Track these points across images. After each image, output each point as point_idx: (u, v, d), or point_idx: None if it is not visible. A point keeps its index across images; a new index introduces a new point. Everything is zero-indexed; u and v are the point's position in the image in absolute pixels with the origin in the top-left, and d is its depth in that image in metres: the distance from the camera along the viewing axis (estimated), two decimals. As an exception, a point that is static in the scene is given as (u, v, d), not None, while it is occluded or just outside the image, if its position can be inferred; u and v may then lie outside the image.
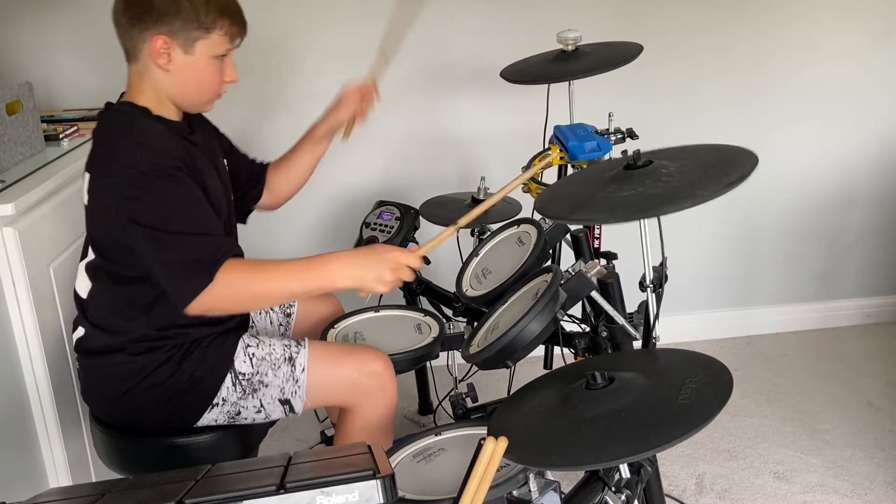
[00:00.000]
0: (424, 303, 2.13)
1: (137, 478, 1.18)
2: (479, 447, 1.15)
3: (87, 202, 1.54)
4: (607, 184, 1.41)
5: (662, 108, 2.64)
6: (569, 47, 2.08)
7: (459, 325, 1.83)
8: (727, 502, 2.11)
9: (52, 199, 1.82)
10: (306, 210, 2.64)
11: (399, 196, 2.37)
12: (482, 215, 1.67)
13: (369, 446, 1.12)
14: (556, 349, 1.85)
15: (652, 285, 1.59)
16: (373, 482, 0.99)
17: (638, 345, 1.66)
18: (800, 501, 2.10)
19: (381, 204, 2.19)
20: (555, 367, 1.63)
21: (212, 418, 1.57)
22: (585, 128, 1.98)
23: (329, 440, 1.93)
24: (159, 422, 1.57)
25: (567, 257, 1.87)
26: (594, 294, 1.57)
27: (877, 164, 2.78)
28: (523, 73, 2.10)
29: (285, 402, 1.59)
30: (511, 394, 1.48)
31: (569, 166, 2.01)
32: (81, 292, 1.61)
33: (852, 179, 2.80)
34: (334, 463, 1.10)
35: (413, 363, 1.74)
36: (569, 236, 1.83)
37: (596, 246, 2.11)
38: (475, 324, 1.73)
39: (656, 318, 1.59)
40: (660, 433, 1.11)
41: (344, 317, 1.88)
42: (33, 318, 1.71)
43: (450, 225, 1.56)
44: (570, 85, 2.11)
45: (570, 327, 1.82)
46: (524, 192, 2.08)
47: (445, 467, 1.40)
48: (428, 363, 2.02)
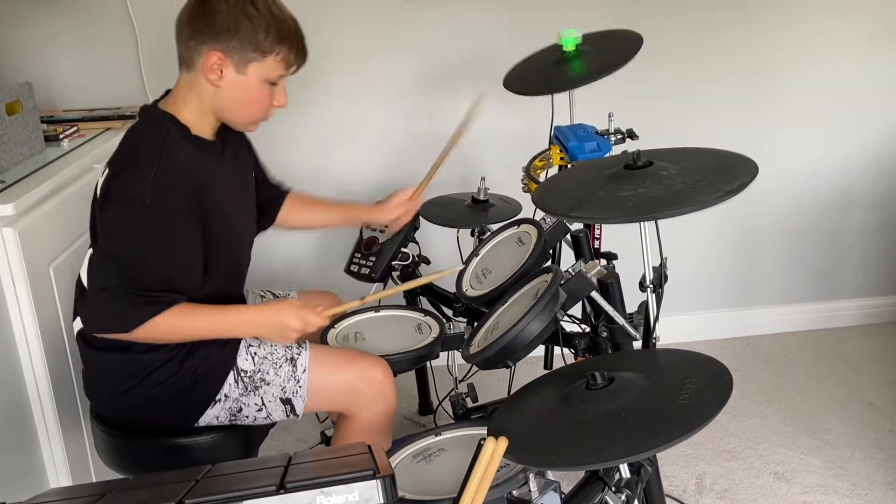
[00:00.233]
0: (424, 303, 2.13)
1: (137, 478, 1.18)
2: (479, 447, 1.15)
3: (98, 195, 1.54)
4: (607, 182, 1.41)
5: (663, 108, 2.64)
6: (569, 48, 2.07)
7: (459, 325, 1.83)
8: (727, 502, 2.11)
9: (52, 199, 1.82)
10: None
11: (399, 196, 2.37)
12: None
13: (369, 446, 1.12)
14: (556, 349, 1.85)
15: (652, 285, 1.59)
16: (373, 482, 0.99)
17: (638, 345, 1.66)
18: (800, 501, 2.10)
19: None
20: (555, 367, 1.63)
21: (213, 415, 1.57)
22: (586, 128, 1.98)
23: (329, 440, 1.93)
24: (161, 419, 1.57)
25: (567, 257, 1.86)
26: (594, 294, 1.57)
27: (877, 164, 2.78)
28: (526, 83, 2.09)
29: (286, 401, 1.60)
30: (511, 394, 1.49)
31: (568, 167, 2.01)
32: (85, 281, 1.60)
33: (852, 179, 2.80)
34: (334, 463, 1.10)
35: (413, 363, 1.74)
36: (569, 236, 1.83)
37: (596, 246, 2.11)
38: (475, 324, 1.73)
39: (656, 318, 1.59)
40: (660, 433, 1.11)
41: (344, 316, 1.88)
42: (33, 318, 1.71)
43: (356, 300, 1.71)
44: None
45: (570, 327, 1.81)
46: (524, 192, 2.08)
47: (445, 467, 1.40)
48: (428, 363, 2.02)
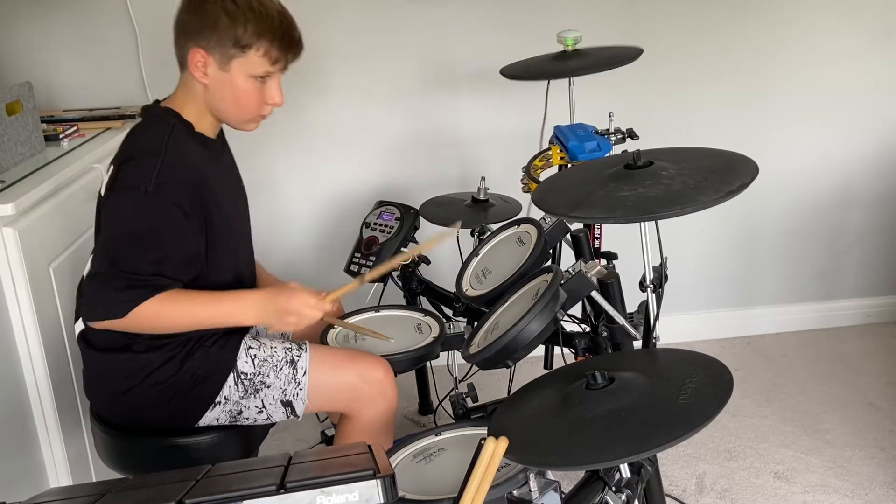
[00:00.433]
0: (424, 303, 2.13)
1: (137, 478, 1.18)
2: (480, 447, 1.15)
3: (103, 192, 1.54)
4: (607, 182, 1.41)
5: (663, 108, 2.64)
6: (569, 47, 2.07)
7: (459, 325, 1.83)
8: (727, 502, 2.11)
9: (52, 199, 1.82)
10: (307, 210, 2.64)
11: (399, 196, 2.37)
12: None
13: (369, 446, 1.12)
14: (556, 349, 1.85)
15: (652, 285, 1.59)
16: (373, 482, 0.99)
17: (638, 345, 1.66)
18: (800, 501, 2.10)
19: (381, 204, 2.19)
20: (555, 367, 1.63)
21: (213, 417, 1.57)
22: (586, 128, 1.98)
23: (329, 440, 1.93)
24: (161, 420, 1.57)
25: (567, 257, 1.86)
26: (594, 294, 1.57)
27: (877, 164, 2.78)
28: (523, 69, 2.11)
29: (287, 403, 1.60)
30: (511, 394, 1.48)
31: (569, 167, 2.01)
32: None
33: (852, 179, 2.80)
34: (334, 463, 1.10)
35: (413, 363, 1.74)
36: (569, 236, 1.83)
37: (596, 246, 2.11)
38: (475, 324, 1.73)
39: (656, 318, 1.59)
40: (660, 433, 1.11)
41: (344, 317, 1.88)
42: (33, 318, 1.71)
43: (356, 278, 1.68)
44: (570, 84, 2.11)
45: (570, 327, 1.81)
46: (524, 192, 2.08)
47: (445, 467, 1.40)
48: (428, 363, 2.02)
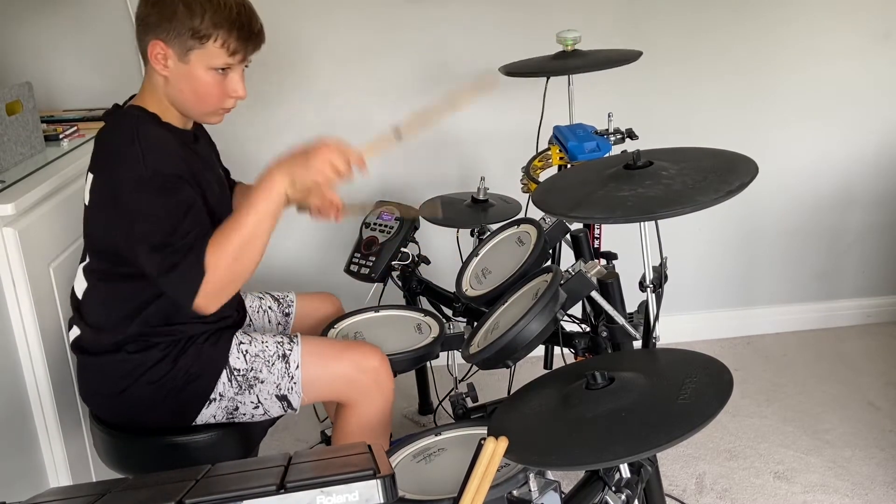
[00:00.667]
0: (424, 303, 2.13)
1: (137, 478, 1.18)
2: (480, 447, 1.15)
3: (87, 202, 1.55)
4: (606, 182, 1.41)
5: (662, 108, 2.63)
6: (568, 47, 2.07)
7: (459, 325, 1.83)
8: (727, 502, 2.11)
9: (52, 199, 1.82)
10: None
11: (399, 196, 2.37)
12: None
13: (369, 446, 1.12)
14: (556, 349, 1.85)
15: (652, 285, 1.59)
16: (373, 482, 0.99)
17: (638, 345, 1.66)
18: (800, 501, 2.10)
19: (381, 204, 2.19)
20: (555, 367, 1.63)
21: (210, 414, 1.57)
22: (585, 128, 1.98)
23: (329, 440, 1.93)
24: (157, 420, 1.57)
25: (567, 257, 1.86)
26: (594, 294, 1.57)
27: (877, 164, 2.78)
28: (522, 67, 2.10)
29: (282, 398, 1.60)
30: (511, 394, 1.49)
31: (568, 167, 2.01)
32: (78, 292, 1.62)
33: (852, 179, 2.80)
34: (334, 463, 1.10)
35: (413, 363, 1.74)
36: (569, 236, 1.83)
37: (596, 246, 2.11)
38: (475, 324, 1.73)
39: (656, 318, 1.59)
40: (660, 433, 1.11)
41: (344, 317, 1.88)
42: (33, 318, 1.71)
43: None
44: (569, 84, 2.11)
45: (570, 327, 1.81)
46: (524, 193, 2.08)
47: (445, 467, 1.40)
48: (428, 363, 2.02)
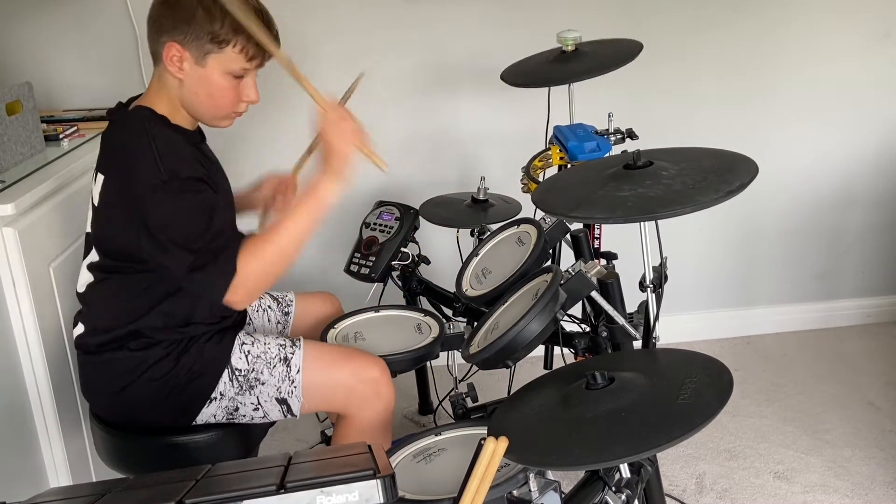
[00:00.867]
0: (424, 303, 2.13)
1: (137, 478, 1.18)
2: (480, 447, 1.15)
3: (97, 203, 1.54)
4: (606, 182, 1.41)
5: (662, 108, 2.64)
6: (568, 47, 2.07)
7: (459, 325, 1.83)
8: (727, 502, 2.11)
9: (52, 199, 1.82)
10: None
11: (399, 196, 2.37)
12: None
13: (369, 446, 1.12)
14: (556, 349, 1.85)
15: (652, 285, 1.59)
16: (373, 482, 0.99)
17: (638, 345, 1.66)
18: (800, 501, 2.10)
19: (381, 204, 2.19)
20: (555, 367, 1.63)
21: (210, 413, 1.57)
22: (585, 128, 1.98)
23: (329, 440, 1.93)
24: (158, 418, 1.57)
25: (567, 257, 1.86)
26: (594, 294, 1.57)
27: (877, 164, 2.78)
28: (523, 75, 2.10)
29: (282, 401, 1.60)
30: (511, 394, 1.49)
31: (568, 167, 2.01)
32: (81, 289, 1.62)
33: (852, 179, 2.80)
34: (334, 463, 1.10)
35: (413, 363, 1.74)
36: (569, 236, 1.83)
37: (596, 246, 2.11)
38: (475, 324, 1.73)
39: (656, 318, 1.59)
40: (660, 433, 1.11)
41: (344, 317, 1.88)
42: (33, 318, 1.71)
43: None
44: (570, 85, 2.11)
45: (570, 327, 1.81)
46: (524, 193, 2.08)
47: (445, 467, 1.40)
48: (428, 363, 2.02)
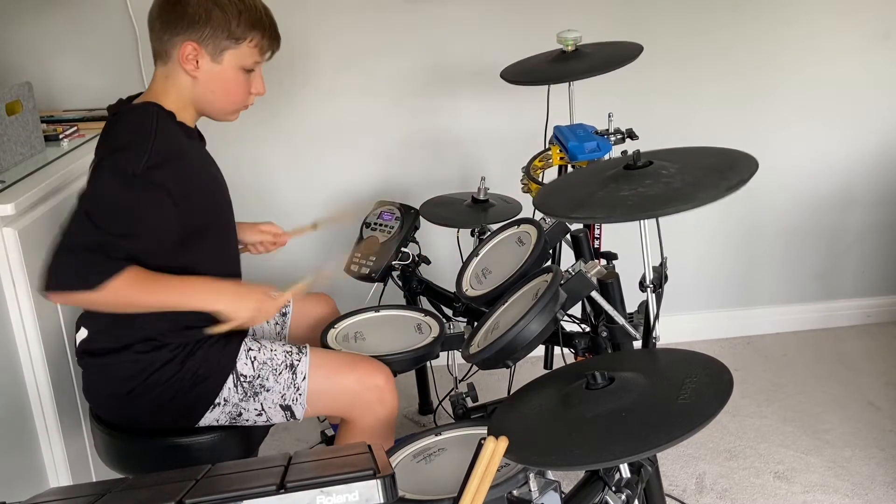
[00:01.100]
0: (424, 303, 2.13)
1: (137, 478, 1.18)
2: (480, 447, 1.15)
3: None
4: (607, 183, 1.41)
5: (662, 108, 2.64)
6: (569, 47, 2.07)
7: (459, 325, 1.83)
8: (727, 502, 2.11)
9: (52, 199, 1.82)
10: (307, 210, 2.63)
11: (399, 196, 2.37)
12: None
13: (369, 446, 1.12)
14: (556, 349, 1.85)
15: (652, 285, 1.59)
16: (373, 482, 0.99)
17: (638, 345, 1.66)
18: (800, 501, 2.10)
19: (382, 204, 2.19)
20: (555, 367, 1.63)
21: (213, 418, 1.57)
22: (585, 128, 1.98)
23: (329, 440, 1.93)
24: (162, 421, 1.57)
25: (567, 257, 1.86)
26: (594, 294, 1.57)
27: (877, 164, 2.78)
28: (523, 73, 2.10)
29: (286, 408, 1.60)
30: (511, 394, 1.49)
31: (568, 167, 2.01)
32: None
33: (852, 179, 2.80)
34: (334, 463, 1.10)
35: (413, 363, 1.74)
36: (569, 236, 1.83)
37: (596, 246, 2.11)
38: (475, 324, 1.73)
39: (656, 318, 1.59)
40: (660, 433, 1.11)
41: (344, 316, 1.88)
42: (33, 318, 1.71)
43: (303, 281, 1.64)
44: (570, 85, 2.11)
45: (570, 327, 1.81)
46: (524, 193, 2.08)
47: (445, 467, 1.40)
48: (428, 363, 2.02)
